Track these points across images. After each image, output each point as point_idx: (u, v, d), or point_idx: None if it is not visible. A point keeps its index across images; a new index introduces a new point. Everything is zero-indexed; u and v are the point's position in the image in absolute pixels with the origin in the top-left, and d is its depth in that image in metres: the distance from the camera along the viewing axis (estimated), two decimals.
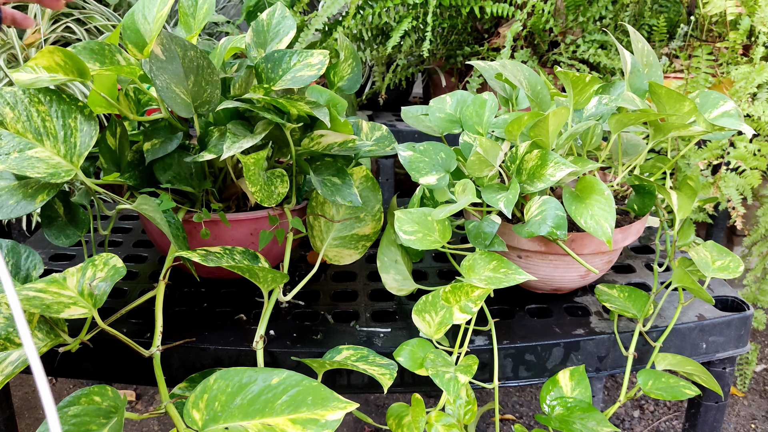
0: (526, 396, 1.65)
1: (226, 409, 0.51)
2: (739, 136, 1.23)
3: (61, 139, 0.78)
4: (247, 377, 0.52)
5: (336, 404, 0.50)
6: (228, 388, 0.52)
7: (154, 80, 0.81)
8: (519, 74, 0.85)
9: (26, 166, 0.76)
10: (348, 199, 0.87)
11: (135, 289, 0.97)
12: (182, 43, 0.82)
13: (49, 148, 0.78)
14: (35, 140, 0.77)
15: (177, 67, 0.82)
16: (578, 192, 0.81)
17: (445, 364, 0.76)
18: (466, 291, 0.76)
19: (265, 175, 0.83)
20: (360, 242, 0.94)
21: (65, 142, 0.79)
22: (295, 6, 1.54)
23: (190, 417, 0.52)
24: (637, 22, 1.53)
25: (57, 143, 0.78)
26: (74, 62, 0.76)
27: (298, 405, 0.50)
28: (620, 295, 0.90)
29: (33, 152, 0.77)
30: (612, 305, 0.87)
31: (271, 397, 0.51)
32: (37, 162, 0.77)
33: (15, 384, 1.72)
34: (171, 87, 0.81)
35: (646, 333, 0.88)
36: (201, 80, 0.84)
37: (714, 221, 1.52)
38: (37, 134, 0.77)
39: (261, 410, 0.51)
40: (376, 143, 1.01)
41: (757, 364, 1.75)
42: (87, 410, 0.63)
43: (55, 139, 0.78)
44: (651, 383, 0.82)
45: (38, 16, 1.67)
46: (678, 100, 0.79)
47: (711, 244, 0.90)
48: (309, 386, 0.51)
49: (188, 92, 0.83)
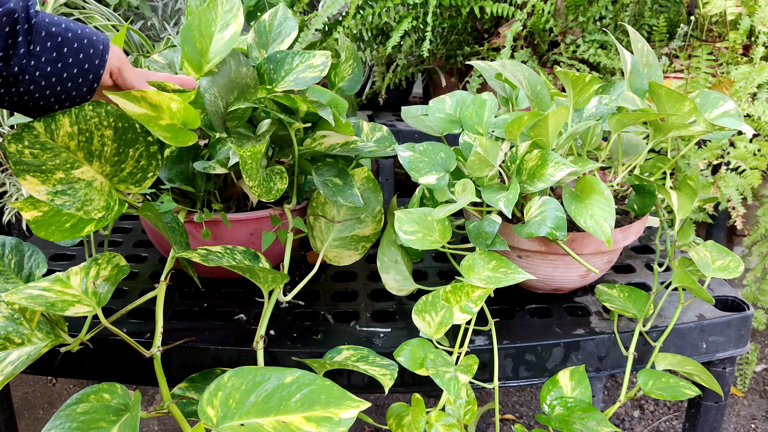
0: (526, 396, 1.65)
1: (241, 406, 0.52)
2: (739, 136, 1.23)
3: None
4: (261, 375, 0.53)
5: (349, 403, 0.51)
6: (242, 386, 0.53)
7: (203, 93, 0.78)
8: (519, 74, 0.85)
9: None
10: (349, 200, 0.87)
11: (135, 289, 0.97)
12: (237, 56, 0.81)
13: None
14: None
15: (226, 80, 0.80)
16: (578, 192, 0.81)
17: (445, 363, 0.76)
18: (467, 291, 0.76)
19: (265, 173, 0.83)
20: (360, 243, 0.94)
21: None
22: (295, 6, 1.54)
23: (204, 414, 0.52)
24: (637, 22, 1.53)
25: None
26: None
27: (312, 403, 0.51)
28: (620, 295, 0.90)
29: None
30: (612, 305, 0.87)
31: (285, 395, 0.52)
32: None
33: (15, 384, 1.72)
34: (216, 101, 0.79)
35: (647, 333, 0.88)
36: (241, 96, 0.82)
37: (714, 221, 1.52)
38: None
39: (276, 408, 0.51)
40: (376, 144, 1.01)
41: (757, 364, 1.75)
42: (96, 407, 0.63)
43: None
44: (651, 383, 0.82)
45: None
46: (678, 100, 0.79)
47: (711, 244, 0.90)
48: (322, 385, 0.52)
49: (227, 106, 0.82)
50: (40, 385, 1.72)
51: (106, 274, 0.72)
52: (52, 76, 0.63)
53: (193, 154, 0.92)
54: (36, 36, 0.62)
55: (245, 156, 0.78)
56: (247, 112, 0.84)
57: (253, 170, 0.79)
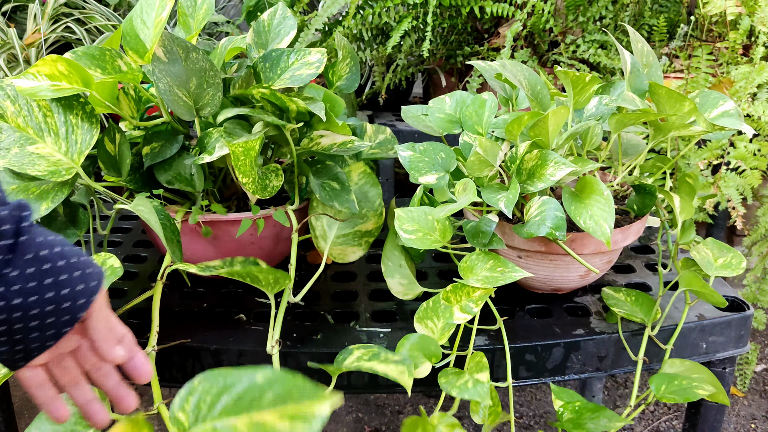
0: (526, 396, 1.65)
1: (212, 409, 0.52)
2: (739, 136, 1.23)
3: (62, 136, 0.78)
4: (232, 377, 0.53)
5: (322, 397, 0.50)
6: (214, 389, 0.53)
7: (156, 83, 0.80)
8: (519, 74, 0.85)
9: (27, 163, 0.75)
10: (345, 205, 0.87)
11: (134, 289, 0.97)
12: (184, 44, 0.82)
13: (50, 145, 0.77)
14: (36, 136, 0.77)
15: (179, 70, 0.81)
16: (578, 192, 0.81)
17: (456, 373, 0.76)
18: (467, 291, 0.76)
19: (260, 171, 0.83)
20: (363, 238, 0.94)
21: (66, 139, 0.78)
22: (295, 6, 1.54)
23: (175, 419, 0.52)
24: (637, 22, 1.53)
25: (58, 140, 0.77)
26: (77, 71, 0.75)
27: (284, 400, 0.50)
28: (627, 299, 0.89)
29: (34, 148, 0.77)
30: (620, 310, 0.87)
31: (258, 394, 0.51)
32: (38, 159, 0.76)
33: (15, 384, 1.71)
34: (173, 90, 0.81)
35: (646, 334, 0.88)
36: (203, 82, 0.83)
37: (714, 221, 1.52)
38: (38, 129, 0.77)
39: (248, 407, 0.51)
40: (379, 146, 1.01)
41: (757, 364, 1.75)
42: (77, 411, 0.64)
43: (56, 135, 0.77)
44: (664, 388, 0.81)
45: (38, 16, 1.67)
46: (678, 100, 0.79)
47: (711, 241, 0.90)
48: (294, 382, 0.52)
49: (190, 95, 0.83)
50: None
51: None
52: (16, 311, 0.49)
53: (185, 155, 0.92)
54: (18, 257, 0.49)
55: (237, 152, 0.77)
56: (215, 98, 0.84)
57: (245, 166, 0.78)
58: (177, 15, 1.23)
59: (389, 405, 1.62)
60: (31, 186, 0.79)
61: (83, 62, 0.79)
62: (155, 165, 0.88)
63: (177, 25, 0.96)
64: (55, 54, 0.85)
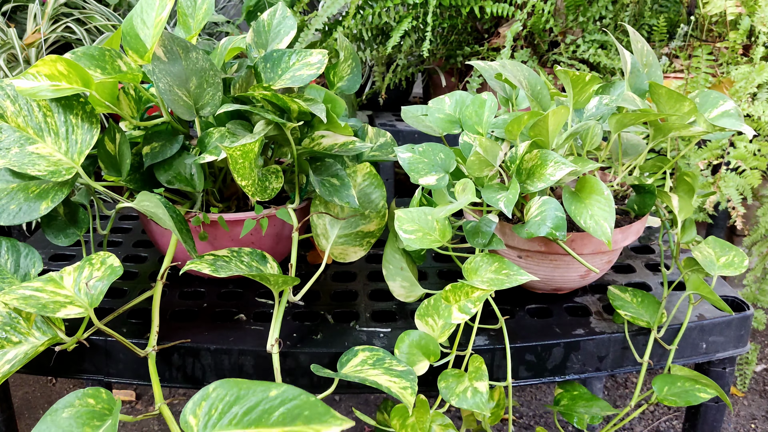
0: (526, 396, 1.65)
1: (222, 417, 0.52)
2: (739, 136, 1.23)
3: (62, 136, 0.78)
4: (246, 388, 0.53)
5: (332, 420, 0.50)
6: (227, 397, 0.53)
7: (156, 83, 0.80)
8: (519, 74, 0.85)
9: (27, 162, 0.75)
10: (345, 201, 0.87)
11: (135, 289, 0.97)
12: (184, 44, 0.82)
13: (50, 145, 0.77)
14: (36, 135, 0.77)
15: (179, 69, 0.81)
16: (578, 192, 0.81)
17: (455, 376, 0.76)
18: (467, 291, 0.76)
19: (261, 172, 0.83)
20: (365, 239, 0.94)
21: (66, 139, 0.78)
22: (295, 6, 1.54)
23: (186, 422, 0.52)
24: (637, 22, 1.53)
25: (58, 139, 0.78)
26: (77, 71, 0.75)
27: (294, 418, 0.50)
28: (633, 300, 0.89)
29: (34, 148, 0.77)
30: (626, 312, 0.87)
31: (268, 408, 0.51)
32: (38, 159, 0.76)
33: (15, 384, 1.72)
34: (173, 89, 0.81)
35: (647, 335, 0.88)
36: (203, 82, 0.83)
37: (714, 221, 1.52)
38: (38, 129, 0.77)
39: (257, 421, 0.51)
40: (379, 149, 1.01)
41: (757, 364, 1.75)
42: (81, 412, 0.64)
43: (56, 135, 0.77)
44: (666, 389, 0.81)
45: (38, 16, 1.67)
46: (678, 100, 0.79)
47: (713, 240, 0.90)
48: (306, 400, 0.52)
49: (190, 94, 0.83)
50: (40, 385, 1.72)
51: (100, 275, 0.72)
52: None
53: (186, 155, 0.92)
54: None
55: (235, 155, 0.77)
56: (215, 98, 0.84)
57: (244, 169, 0.78)
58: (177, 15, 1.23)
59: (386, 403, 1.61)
60: (31, 185, 0.79)
61: (83, 62, 0.79)
62: (155, 165, 0.88)
63: (177, 25, 0.96)
64: (55, 54, 0.85)
